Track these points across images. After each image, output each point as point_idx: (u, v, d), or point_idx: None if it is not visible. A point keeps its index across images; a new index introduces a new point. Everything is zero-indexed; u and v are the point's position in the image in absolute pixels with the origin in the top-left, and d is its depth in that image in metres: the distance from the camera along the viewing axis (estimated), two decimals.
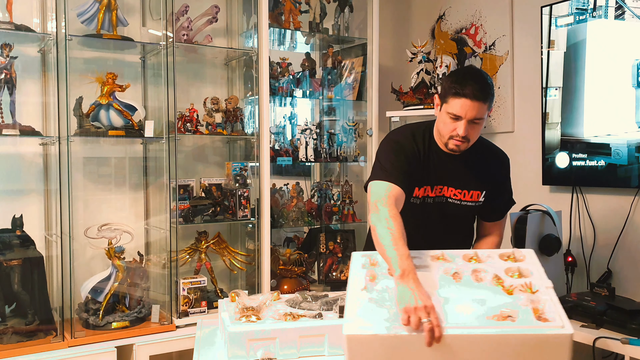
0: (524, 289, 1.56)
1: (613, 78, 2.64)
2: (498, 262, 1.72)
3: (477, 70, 1.89)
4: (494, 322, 1.43)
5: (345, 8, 3.36)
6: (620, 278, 2.70)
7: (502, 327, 1.41)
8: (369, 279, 1.65)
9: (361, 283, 1.63)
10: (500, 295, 1.54)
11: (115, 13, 2.71)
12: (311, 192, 3.36)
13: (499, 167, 2.05)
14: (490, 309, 1.47)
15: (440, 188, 1.98)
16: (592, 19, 2.72)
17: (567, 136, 2.83)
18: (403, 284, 1.51)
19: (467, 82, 1.79)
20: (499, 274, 1.63)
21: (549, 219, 2.65)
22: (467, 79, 1.79)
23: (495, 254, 1.76)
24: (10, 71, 2.48)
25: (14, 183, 2.71)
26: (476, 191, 1.99)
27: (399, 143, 1.94)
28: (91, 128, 2.68)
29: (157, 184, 2.93)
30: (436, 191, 1.99)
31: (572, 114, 2.81)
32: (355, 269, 1.72)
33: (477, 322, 1.43)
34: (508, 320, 1.43)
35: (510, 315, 1.44)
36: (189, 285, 2.76)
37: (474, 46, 3.42)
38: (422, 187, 1.96)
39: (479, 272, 1.65)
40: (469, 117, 1.80)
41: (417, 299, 1.45)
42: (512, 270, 1.66)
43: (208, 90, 3.17)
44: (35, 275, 2.49)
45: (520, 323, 1.42)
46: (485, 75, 1.86)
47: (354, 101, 3.45)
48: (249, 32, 3.12)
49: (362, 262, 1.76)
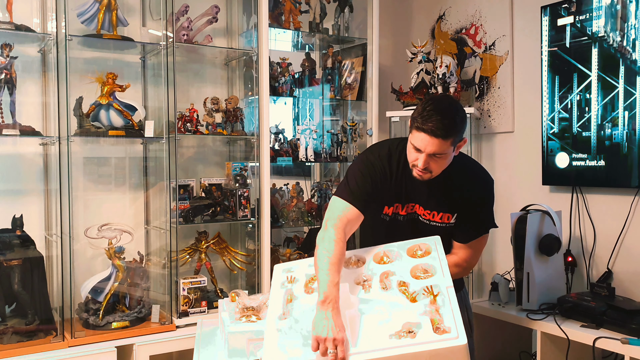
0: (426, 293, 1.64)
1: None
2: (406, 259, 1.79)
3: (447, 104, 1.80)
4: (396, 342, 1.53)
5: (345, 8, 3.36)
6: (620, 278, 2.70)
7: (401, 347, 1.51)
8: (287, 300, 1.77)
9: (279, 309, 1.75)
10: (404, 305, 1.63)
11: (115, 13, 2.71)
12: (311, 192, 3.36)
13: (475, 192, 1.95)
14: (395, 324, 1.58)
15: (412, 206, 1.96)
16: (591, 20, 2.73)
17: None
18: (321, 311, 1.61)
19: (431, 118, 1.73)
20: (405, 277, 1.71)
21: (549, 219, 2.65)
22: (431, 114, 1.74)
23: (404, 251, 1.82)
24: (10, 71, 2.48)
25: (14, 183, 2.71)
26: (446, 214, 1.94)
27: (371, 164, 1.94)
28: (91, 128, 2.68)
29: (157, 184, 2.93)
30: (407, 209, 1.97)
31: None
32: (275, 289, 1.84)
33: (382, 343, 1.54)
34: (409, 337, 1.53)
35: (412, 331, 1.55)
36: (189, 285, 2.76)
37: (474, 46, 3.42)
38: (393, 206, 1.96)
39: (386, 276, 1.74)
40: (428, 151, 1.77)
41: (329, 330, 1.56)
42: (418, 269, 1.74)
43: (208, 90, 3.17)
44: (35, 275, 2.49)
45: (419, 339, 1.52)
46: (455, 109, 1.79)
47: (354, 101, 3.45)
48: (249, 32, 3.12)
49: (281, 280, 1.86)
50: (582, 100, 2.78)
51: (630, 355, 2.18)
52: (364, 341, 1.56)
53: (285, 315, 1.72)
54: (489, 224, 2.01)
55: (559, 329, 2.40)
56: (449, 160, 1.85)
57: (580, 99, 2.79)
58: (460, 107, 1.82)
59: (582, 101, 2.78)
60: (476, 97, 3.40)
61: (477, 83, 3.40)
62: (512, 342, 2.95)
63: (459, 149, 1.88)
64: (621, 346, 2.21)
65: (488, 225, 2.00)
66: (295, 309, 1.73)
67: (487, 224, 2.00)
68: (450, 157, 1.84)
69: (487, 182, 1.99)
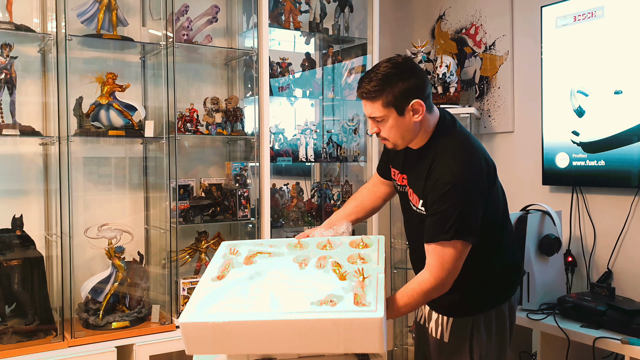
0: (357, 275, 1.67)
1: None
2: (347, 249, 1.83)
3: (377, 66, 1.73)
4: (315, 308, 1.57)
5: (345, 8, 3.35)
6: (620, 278, 2.70)
7: (319, 313, 1.55)
8: (222, 267, 1.81)
9: (214, 272, 1.79)
10: (333, 281, 1.68)
11: (115, 13, 2.71)
12: (311, 192, 3.36)
13: (440, 173, 1.70)
14: (319, 294, 1.62)
15: (406, 179, 1.90)
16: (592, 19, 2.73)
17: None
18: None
19: (361, 82, 1.74)
20: (341, 260, 1.75)
21: (549, 219, 2.65)
22: (362, 79, 1.74)
23: (347, 242, 1.87)
24: (10, 71, 2.47)
25: (14, 183, 2.71)
26: (415, 196, 1.82)
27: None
28: (91, 128, 2.68)
29: (157, 184, 2.93)
30: (403, 180, 1.92)
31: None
32: (215, 258, 1.89)
33: (301, 307, 1.58)
34: (329, 305, 1.57)
35: (332, 301, 1.59)
36: (189, 285, 2.76)
37: (474, 46, 3.42)
38: (394, 170, 1.99)
39: (324, 258, 1.78)
40: (367, 114, 1.78)
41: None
42: (355, 256, 1.77)
43: (208, 90, 3.17)
44: (35, 275, 2.49)
45: (338, 308, 1.56)
46: (385, 69, 1.70)
47: (354, 101, 3.45)
48: (249, 32, 3.12)
49: (224, 252, 1.93)
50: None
51: (630, 355, 2.18)
52: (286, 305, 1.59)
53: (220, 278, 1.76)
54: (450, 227, 1.65)
55: (559, 329, 2.40)
56: (404, 127, 1.74)
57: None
58: (397, 64, 1.71)
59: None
60: (476, 97, 3.40)
61: (477, 83, 3.40)
62: (512, 342, 2.94)
63: (417, 113, 1.72)
64: (621, 346, 2.21)
65: (449, 229, 1.65)
66: (230, 274, 1.77)
67: (447, 225, 1.66)
68: (403, 122, 1.73)
69: (457, 173, 1.68)
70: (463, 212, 1.66)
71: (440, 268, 1.69)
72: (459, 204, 1.66)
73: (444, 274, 1.69)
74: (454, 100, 3.20)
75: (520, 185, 3.13)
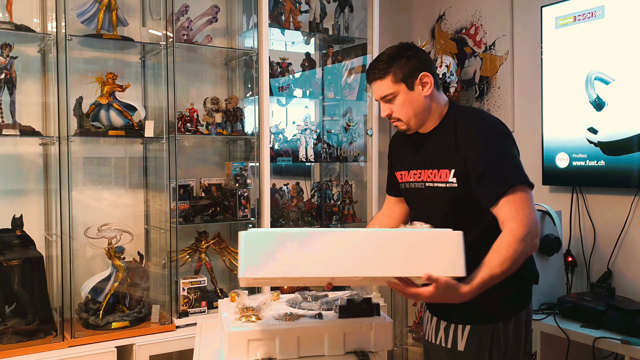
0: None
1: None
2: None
3: (382, 52, 1.82)
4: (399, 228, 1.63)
5: (345, 8, 3.36)
6: (620, 278, 2.70)
7: (400, 230, 1.59)
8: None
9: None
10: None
11: (115, 13, 2.71)
12: (311, 192, 3.36)
13: (469, 132, 1.72)
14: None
15: (419, 173, 1.86)
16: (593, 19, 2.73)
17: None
18: None
19: (370, 68, 1.82)
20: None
21: (549, 219, 2.65)
22: (371, 65, 1.82)
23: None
24: (10, 71, 2.47)
25: (14, 183, 2.71)
26: (444, 169, 1.76)
27: (389, 148, 2.08)
28: (91, 128, 2.68)
29: (157, 184, 2.93)
30: (414, 176, 1.89)
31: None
32: None
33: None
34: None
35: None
36: (189, 285, 2.76)
37: (474, 46, 3.42)
38: (401, 174, 1.96)
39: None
40: (378, 97, 1.83)
41: None
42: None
43: (208, 90, 3.17)
44: (35, 275, 2.49)
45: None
46: (390, 50, 1.81)
47: (354, 101, 3.45)
48: (249, 32, 3.12)
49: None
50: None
51: (630, 355, 2.18)
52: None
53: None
54: (508, 174, 1.65)
55: (559, 329, 2.40)
56: (415, 102, 1.78)
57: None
58: (401, 45, 1.82)
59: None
60: (476, 97, 3.40)
61: (477, 83, 3.40)
62: None
63: (425, 87, 1.77)
64: (621, 346, 2.21)
65: (508, 176, 1.65)
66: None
67: (505, 174, 1.66)
68: (414, 97, 1.78)
69: (484, 119, 1.77)
70: (511, 155, 1.72)
71: (522, 214, 1.60)
72: (504, 149, 1.72)
73: (528, 219, 1.60)
74: (454, 100, 3.20)
75: None
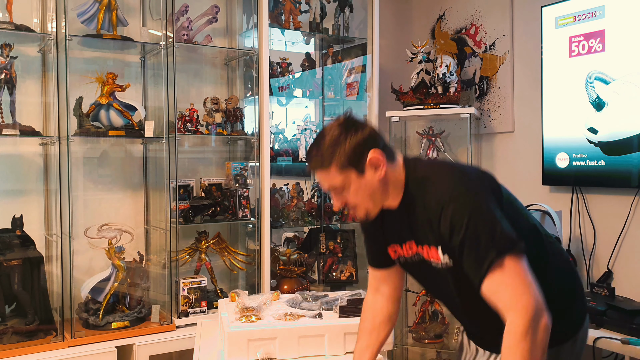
0: None
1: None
2: None
3: (320, 134, 1.51)
4: None
5: (345, 8, 3.36)
6: (620, 278, 2.70)
7: None
8: None
9: None
10: None
11: (115, 13, 2.71)
12: (311, 192, 3.36)
13: (434, 204, 1.42)
14: None
15: (411, 245, 1.56)
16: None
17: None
18: None
19: (309, 155, 1.52)
20: None
21: (549, 219, 2.65)
22: (309, 151, 1.53)
23: None
24: (10, 71, 2.47)
25: (14, 183, 2.71)
26: (433, 246, 1.48)
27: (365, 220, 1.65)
28: (91, 128, 2.68)
29: (157, 183, 2.93)
30: (407, 250, 1.59)
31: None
32: None
33: None
34: None
35: None
36: (189, 285, 2.76)
37: (474, 46, 3.42)
38: (390, 247, 1.65)
39: None
40: (326, 189, 1.53)
41: None
42: None
43: (208, 90, 3.17)
44: (35, 275, 2.49)
45: None
46: (323, 135, 1.48)
47: (354, 101, 3.45)
48: (249, 32, 3.12)
49: None
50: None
51: (630, 355, 2.18)
52: None
53: None
54: (486, 246, 1.35)
55: None
56: (370, 187, 1.48)
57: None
58: (331, 130, 1.48)
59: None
60: (476, 97, 3.40)
61: (477, 83, 3.40)
62: None
63: (378, 168, 1.46)
64: (621, 346, 2.21)
65: (485, 248, 1.34)
66: None
67: (481, 247, 1.35)
68: (367, 182, 1.47)
69: (446, 187, 1.43)
70: (486, 218, 1.37)
71: (516, 296, 1.33)
72: (476, 212, 1.38)
73: (526, 300, 1.32)
74: (453, 100, 3.20)
75: (520, 185, 3.13)
